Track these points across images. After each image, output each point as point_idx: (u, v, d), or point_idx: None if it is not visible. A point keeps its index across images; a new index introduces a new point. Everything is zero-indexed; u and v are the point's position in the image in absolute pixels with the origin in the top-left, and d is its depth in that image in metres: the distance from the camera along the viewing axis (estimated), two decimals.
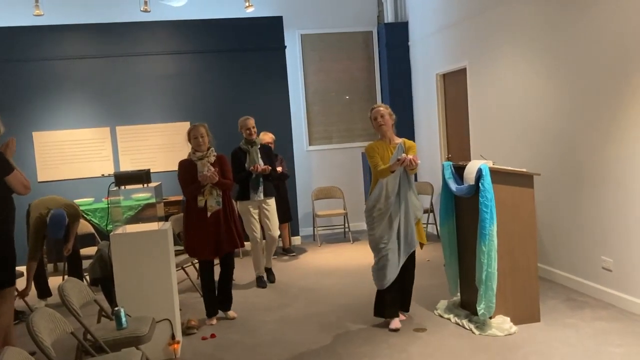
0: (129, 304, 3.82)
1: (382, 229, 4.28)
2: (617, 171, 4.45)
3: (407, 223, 4.30)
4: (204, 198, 4.66)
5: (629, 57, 4.23)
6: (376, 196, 4.27)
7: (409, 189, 4.30)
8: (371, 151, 4.34)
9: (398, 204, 4.25)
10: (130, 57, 7.55)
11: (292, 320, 4.84)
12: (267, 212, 5.87)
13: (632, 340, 3.87)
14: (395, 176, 4.22)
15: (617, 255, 4.52)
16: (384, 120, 4.36)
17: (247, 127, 5.75)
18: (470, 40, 6.62)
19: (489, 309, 4.14)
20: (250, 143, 5.78)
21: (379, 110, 4.42)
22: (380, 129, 4.39)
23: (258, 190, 5.77)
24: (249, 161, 5.72)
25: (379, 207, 4.26)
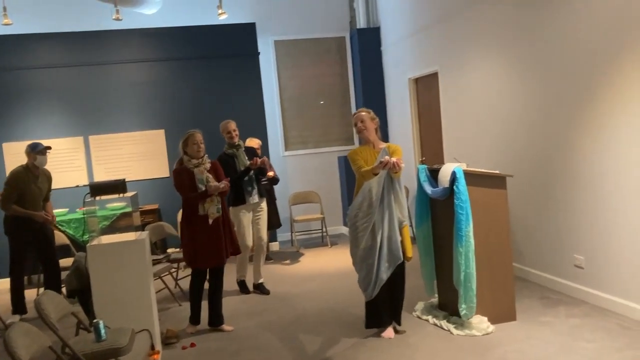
0: (107, 315, 3.78)
1: (366, 239, 4.10)
2: (587, 171, 4.57)
3: (391, 233, 4.09)
4: (205, 206, 4.59)
5: (596, 59, 4.35)
6: (359, 203, 4.12)
7: (393, 196, 4.11)
8: (354, 155, 4.26)
9: (381, 212, 4.06)
10: (103, 65, 7.48)
11: (272, 325, 4.85)
12: (259, 217, 5.78)
13: (604, 335, 3.97)
14: (379, 182, 4.05)
15: (589, 253, 4.64)
16: (365, 125, 4.29)
17: (228, 130, 5.65)
18: (441, 44, 6.73)
19: (470, 309, 4.20)
20: (234, 146, 5.66)
21: (360, 115, 4.37)
22: (362, 134, 4.33)
23: (253, 192, 5.64)
24: (239, 164, 5.60)
25: (362, 216, 4.09)
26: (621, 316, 4.28)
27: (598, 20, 4.30)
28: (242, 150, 5.70)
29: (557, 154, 4.91)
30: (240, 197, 5.62)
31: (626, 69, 4.08)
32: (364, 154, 4.26)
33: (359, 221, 4.11)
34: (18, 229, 5.41)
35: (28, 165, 5.45)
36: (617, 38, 4.13)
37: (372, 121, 4.33)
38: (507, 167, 5.35)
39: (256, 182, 5.68)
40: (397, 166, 3.91)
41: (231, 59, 7.87)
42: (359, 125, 4.31)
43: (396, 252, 4.10)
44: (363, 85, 8.50)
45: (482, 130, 5.98)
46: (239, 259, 5.80)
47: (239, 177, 5.54)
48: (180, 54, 7.72)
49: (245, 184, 5.60)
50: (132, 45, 7.63)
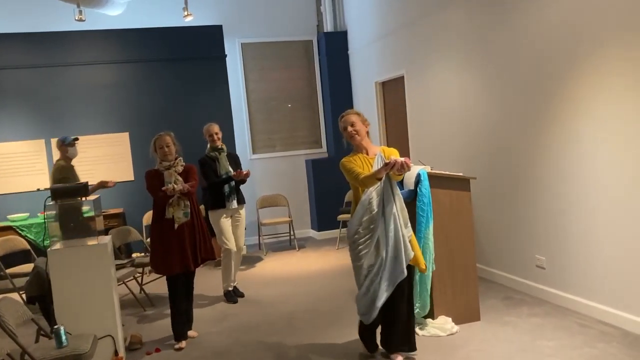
0: (69, 321, 3.70)
1: (369, 257, 3.57)
2: (549, 173, 4.68)
3: (398, 246, 3.53)
4: (171, 209, 4.45)
5: (557, 62, 4.47)
6: (359, 218, 3.56)
7: (395, 204, 3.56)
8: (347, 164, 3.64)
9: (384, 224, 3.53)
10: (66, 67, 7.35)
11: (237, 330, 4.82)
12: (237, 223, 5.67)
13: (563, 334, 4.07)
14: (377, 191, 3.55)
15: (550, 253, 4.75)
16: (357, 129, 3.69)
17: (210, 133, 5.55)
18: (407, 49, 6.81)
19: (423, 307, 4.25)
20: (217, 150, 5.56)
21: (349, 118, 3.72)
22: (354, 140, 3.72)
23: (232, 198, 5.53)
24: (220, 168, 5.50)
25: (364, 233, 3.56)
26: (580, 315, 4.39)
27: (554, 25, 4.41)
28: (224, 154, 5.59)
29: (519, 157, 5.01)
30: (220, 202, 5.50)
31: (585, 72, 4.20)
32: (358, 162, 3.66)
33: (361, 238, 3.56)
34: None
35: (63, 158, 5.75)
36: (574, 42, 4.24)
37: (364, 124, 3.75)
38: (471, 169, 5.44)
39: (236, 190, 5.59)
40: (407, 166, 3.27)
41: (198, 61, 7.82)
42: (350, 129, 3.70)
43: (399, 269, 3.54)
44: (330, 88, 8.54)
45: (447, 133, 6.07)
46: (223, 267, 5.61)
47: (218, 182, 5.45)
48: (146, 55, 7.64)
49: (229, 188, 5.51)
50: (97, 46, 7.51)
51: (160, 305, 5.68)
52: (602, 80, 4.04)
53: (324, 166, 8.50)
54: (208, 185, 5.54)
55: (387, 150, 3.76)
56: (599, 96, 4.08)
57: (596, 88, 4.10)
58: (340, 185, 8.24)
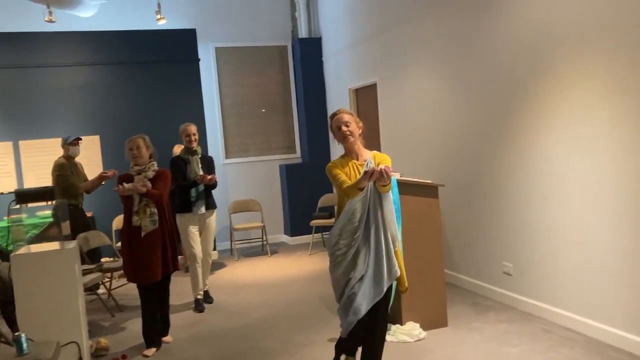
0: (33, 328, 3.62)
1: (346, 268, 3.29)
2: (516, 181, 4.76)
3: (378, 261, 3.25)
4: (138, 217, 4.31)
5: (525, 72, 4.55)
6: (340, 227, 3.29)
7: (381, 215, 3.26)
8: (333, 169, 3.36)
9: (367, 236, 3.25)
10: (36, 68, 7.23)
11: (206, 336, 4.78)
12: (207, 227, 5.52)
13: (528, 340, 4.14)
14: (363, 200, 3.24)
15: (516, 260, 4.83)
16: (351, 130, 3.37)
17: (187, 133, 5.40)
18: (380, 56, 6.87)
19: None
20: (191, 152, 5.42)
21: (342, 117, 3.39)
22: (346, 141, 3.39)
23: (199, 203, 5.39)
24: (189, 171, 5.35)
25: (344, 243, 3.28)
26: (545, 320, 4.47)
27: (520, 35, 4.50)
28: (197, 157, 5.44)
29: (487, 165, 5.09)
30: (186, 205, 5.37)
31: (551, 81, 4.28)
32: (345, 167, 3.38)
33: (341, 249, 3.30)
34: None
35: (65, 156, 5.92)
36: (540, 51, 4.33)
37: (357, 125, 3.43)
38: (441, 176, 5.50)
39: (204, 194, 5.43)
40: (386, 175, 2.97)
41: (171, 65, 7.77)
42: (344, 130, 3.36)
43: (377, 287, 3.26)
44: (305, 94, 8.55)
45: (418, 140, 6.13)
46: (190, 274, 5.50)
47: (184, 185, 5.32)
48: (118, 58, 7.56)
49: (196, 192, 5.37)
50: (68, 48, 7.41)
51: (128, 310, 5.61)
52: (568, 90, 4.13)
53: (297, 171, 8.51)
54: (175, 188, 5.36)
55: (379, 156, 3.42)
56: (567, 105, 4.17)
57: (563, 98, 4.19)
58: (313, 190, 8.29)
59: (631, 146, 3.66)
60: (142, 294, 4.46)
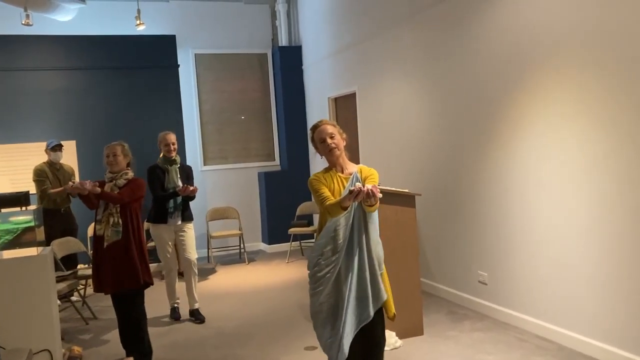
0: (5, 335, 3.59)
1: (327, 293, 3.02)
2: (491, 190, 4.83)
3: (361, 284, 3.00)
4: (101, 226, 4.13)
5: (501, 82, 4.64)
6: (321, 246, 3.03)
7: (365, 237, 3.01)
8: (315, 183, 3.10)
9: (350, 258, 3.00)
10: (11, 71, 7.13)
11: (182, 345, 4.74)
12: (183, 238, 5.31)
13: (503, 348, 4.19)
14: (347, 219, 2.99)
15: (492, 269, 4.89)
16: (335, 142, 3.14)
17: (166, 142, 5.24)
18: (359, 65, 6.93)
19: None
20: (169, 161, 5.26)
21: (326, 129, 3.15)
22: (332, 154, 3.13)
23: (175, 214, 5.22)
24: (167, 181, 5.20)
25: (324, 264, 3.01)
26: (519, 329, 4.53)
27: (496, 48, 4.59)
28: (176, 166, 5.29)
29: (463, 175, 5.16)
30: (162, 216, 5.20)
31: (526, 93, 4.37)
32: (328, 181, 3.12)
33: (321, 271, 3.03)
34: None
35: (47, 162, 6.21)
36: (514, 65, 4.42)
37: (341, 137, 3.21)
38: (418, 186, 5.56)
39: (182, 206, 5.27)
40: (373, 195, 2.71)
41: (149, 71, 7.73)
42: (329, 142, 3.13)
43: (363, 311, 3.00)
44: (284, 102, 8.58)
45: (396, 149, 6.19)
46: (166, 284, 5.39)
47: (162, 197, 5.14)
48: (96, 63, 7.50)
49: (174, 204, 5.21)
50: (45, 51, 7.33)
51: (104, 319, 5.54)
52: (542, 101, 4.22)
53: (276, 179, 8.51)
54: (153, 198, 5.22)
55: (365, 170, 3.17)
56: (539, 115, 4.26)
57: (536, 109, 4.28)
58: (292, 198, 8.30)
59: (605, 156, 3.75)
60: (113, 304, 4.34)
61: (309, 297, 3.12)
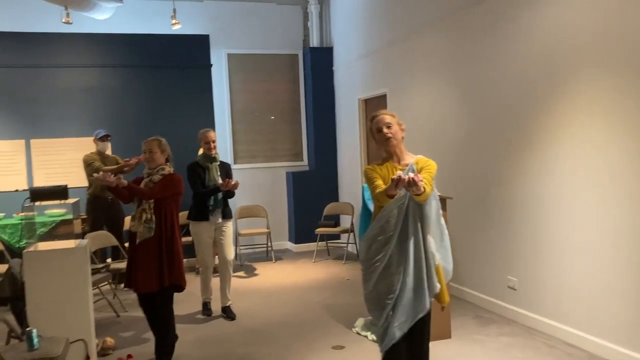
0: (42, 324, 3.67)
1: (377, 281, 3.03)
2: (524, 195, 4.80)
3: (418, 275, 2.97)
4: (134, 223, 4.08)
5: (537, 85, 4.61)
6: (373, 235, 3.02)
7: (421, 227, 2.99)
8: (369, 173, 3.10)
9: (404, 248, 2.97)
10: (49, 68, 7.32)
11: (208, 340, 4.82)
12: (222, 237, 5.33)
13: (531, 354, 4.17)
14: (400, 208, 2.96)
15: (522, 275, 4.86)
16: (392, 132, 3.11)
17: (207, 140, 5.24)
18: (391, 67, 6.93)
19: None
20: (210, 159, 5.27)
21: (384, 118, 3.13)
22: (388, 144, 3.12)
23: (216, 212, 5.23)
24: (208, 178, 5.21)
25: (375, 252, 3.01)
26: (548, 335, 4.49)
27: (533, 51, 4.56)
28: (216, 164, 5.29)
29: (496, 178, 5.13)
30: (203, 213, 5.21)
31: (562, 97, 4.34)
32: (384, 171, 3.10)
33: (371, 259, 3.03)
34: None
35: (95, 151, 6.47)
36: (552, 68, 4.39)
37: (400, 127, 3.17)
38: (448, 188, 5.55)
39: (222, 203, 5.28)
40: (414, 183, 2.64)
41: (183, 70, 7.85)
42: (386, 131, 3.10)
43: (420, 302, 2.98)
44: (314, 102, 8.63)
45: (426, 152, 6.12)
46: (201, 280, 5.45)
47: (204, 193, 5.16)
48: (131, 61, 7.65)
49: (215, 201, 5.21)
50: (81, 49, 7.50)
51: (133, 311, 5.65)
52: (579, 106, 4.18)
53: (304, 179, 8.57)
54: (193, 195, 5.25)
55: (422, 161, 3.13)
56: (574, 121, 4.22)
57: (572, 113, 4.24)
58: (319, 198, 8.35)
59: (637, 163, 3.70)
60: (139, 301, 4.30)
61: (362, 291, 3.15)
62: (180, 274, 4.13)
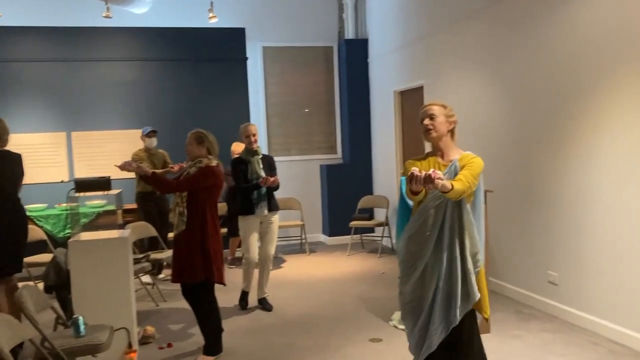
0: (86, 311, 3.76)
1: (413, 283, 2.85)
2: (566, 189, 4.70)
3: (450, 280, 2.76)
4: (172, 215, 4.15)
5: (579, 76, 4.50)
6: (410, 234, 2.85)
7: (459, 229, 2.77)
8: (407, 167, 2.88)
9: (439, 250, 2.77)
10: (89, 62, 7.46)
11: (246, 330, 4.86)
12: (267, 232, 5.35)
13: (574, 350, 4.09)
14: (436, 208, 2.78)
15: (563, 270, 4.76)
16: (435, 124, 2.93)
17: (247, 134, 5.26)
18: (428, 59, 6.86)
19: None
20: (251, 153, 5.31)
21: (429, 109, 2.96)
22: (427, 136, 2.96)
23: (261, 204, 5.25)
24: (250, 172, 5.23)
25: (411, 251, 2.84)
26: (590, 332, 4.40)
27: (575, 41, 4.44)
28: (258, 157, 5.31)
29: (536, 171, 5.04)
30: (248, 208, 5.25)
31: (606, 89, 4.22)
32: (424, 166, 2.90)
33: (408, 261, 2.86)
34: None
35: (143, 148, 6.64)
36: (595, 59, 4.27)
37: (447, 119, 2.98)
38: (487, 182, 5.45)
39: (267, 196, 5.29)
40: (430, 180, 2.40)
41: (219, 63, 7.91)
42: (427, 123, 2.93)
43: (451, 312, 2.75)
44: (349, 95, 8.59)
45: (464, 144, 6.07)
46: (243, 271, 5.46)
47: (245, 188, 5.20)
48: (168, 55, 7.74)
49: (258, 195, 5.22)
50: (120, 43, 7.63)
51: (172, 301, 5.74)
52: (623, 98, 4.07)
53: (338, 172, 8.56)
54: (237, 190, 5.32)
55: (466, 157, 2.91)
56: (620, 114, 4.11)
57: (618, 105, 4.13)
58: (353, 191, 8.33)
59: None
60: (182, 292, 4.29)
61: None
62: (212, 269, 4.09)
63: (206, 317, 4.22)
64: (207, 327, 4.24)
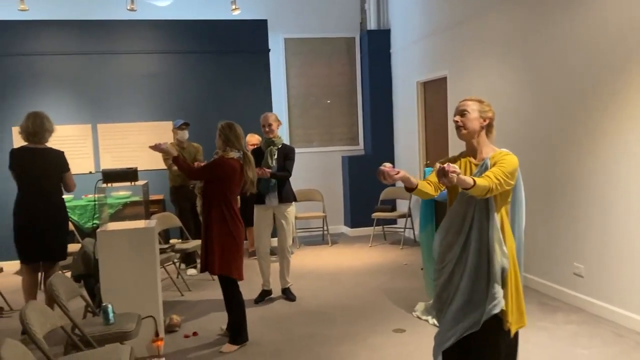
0: (114, 300, 3.82)
1: (443, 281, 2.79)
2: (591, 181, 4.64)
3: (474, 282, 2.66)
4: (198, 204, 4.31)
5: (605, 68, 4.43)
6: (442, 235, 2.81)
7: (488, 233, 2.63)
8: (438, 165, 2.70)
9: (466, 252, 2.68)
10: (114, 55, 7.55)
11: (270, 320, 4.91)
12: (283, 220, 5.35)
13: (600, 342, 4.06)
14: (465, 210, 2.69)
15: (589, 262, 4.71)
16: (465, 121, 2.76)
17: (262, 123, 5.29)
18: (451, 49, 6.80)
19: None
20: (267, 143, 5.32)
21: (463, 104, 2.79)
22: (457, 133, 2.82)
23: (272, 196, 5.27)
24: (263, 162, 5.24)
25: (444, 254, 2.79)
26: (616, 324, 4.36)
27: (601, 32, 4.37)
28: (274, 148, 5.29)
29: (562, 163, 4.98)
30: (259, 197, 5.27)
31: (634, 79, 4.15)
32: (458, 164, 2.78)
33: (441, 262, 2.81)
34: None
35: (175, 140, 6.63)
36: (622, 49, 4.20)
37: (481, 116, 2.79)
38: None
39: (276, 187, 5.28)
40: (443, 174, 2.30)
41: (241, 55, 7.93)
42: (456, 119, 2.78)
43: (470, 318, 2.65)
44: (371, 86, 8.57)
45: None
46: (259, 267, 5.47)
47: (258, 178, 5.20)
48: (191, 47, 7.79)
49: (261, 185, 5.18)
50: (144, 36, 7.69)
51: (197, 290, 5.82)
52: None
53: (360, 163, 8.55)
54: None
55: (497, 155, 2.73)
56: None
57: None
58: (375, 183, 8.19)
59: None
60: None
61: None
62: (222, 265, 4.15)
63: (229, 307, 4.33)
64: (231, 316, 4.34)
